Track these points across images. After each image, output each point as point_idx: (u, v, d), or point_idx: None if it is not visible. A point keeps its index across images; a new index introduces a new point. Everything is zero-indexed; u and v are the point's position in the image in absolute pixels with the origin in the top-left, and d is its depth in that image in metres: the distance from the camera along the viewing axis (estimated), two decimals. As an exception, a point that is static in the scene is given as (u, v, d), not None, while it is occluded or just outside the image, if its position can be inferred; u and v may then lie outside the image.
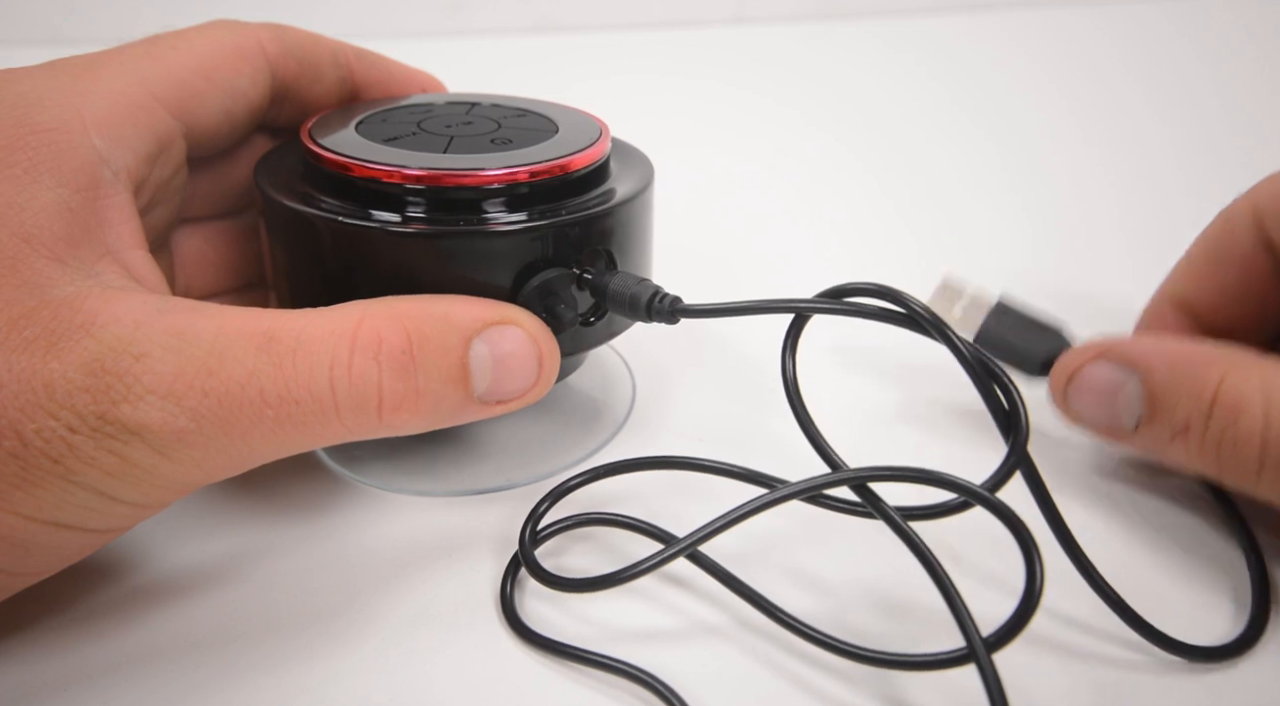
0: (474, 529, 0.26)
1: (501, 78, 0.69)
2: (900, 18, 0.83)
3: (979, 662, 0.19)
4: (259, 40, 0.27)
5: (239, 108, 0.27)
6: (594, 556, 0.25)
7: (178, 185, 0.26)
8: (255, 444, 0.20)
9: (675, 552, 0.22)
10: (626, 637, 0.23)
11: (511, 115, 0.28)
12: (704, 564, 0.23)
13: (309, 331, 0.21)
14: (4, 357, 0.19)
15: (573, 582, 0.23)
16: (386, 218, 0.24)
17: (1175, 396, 0.22)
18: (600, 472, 0.26)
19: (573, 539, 0.26)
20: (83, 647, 0.23)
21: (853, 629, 0.23)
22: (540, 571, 0.23)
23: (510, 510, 0.27)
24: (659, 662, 0.22)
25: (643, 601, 0.24)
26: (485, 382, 0.23)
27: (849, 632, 0.22)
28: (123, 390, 0.19)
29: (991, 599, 0.23)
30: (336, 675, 0.22)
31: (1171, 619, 0.22)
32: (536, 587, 0.24)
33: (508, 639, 0.23)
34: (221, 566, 0.25)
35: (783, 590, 0.24)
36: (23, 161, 0.21)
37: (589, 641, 0.23)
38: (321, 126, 0.26)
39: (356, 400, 0.21)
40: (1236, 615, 0.23)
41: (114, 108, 0.23)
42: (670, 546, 0.22)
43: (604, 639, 0.23)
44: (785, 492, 0.21)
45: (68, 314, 0.20)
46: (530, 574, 0.23)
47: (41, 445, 0.19)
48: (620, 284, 0.25)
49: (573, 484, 0.26)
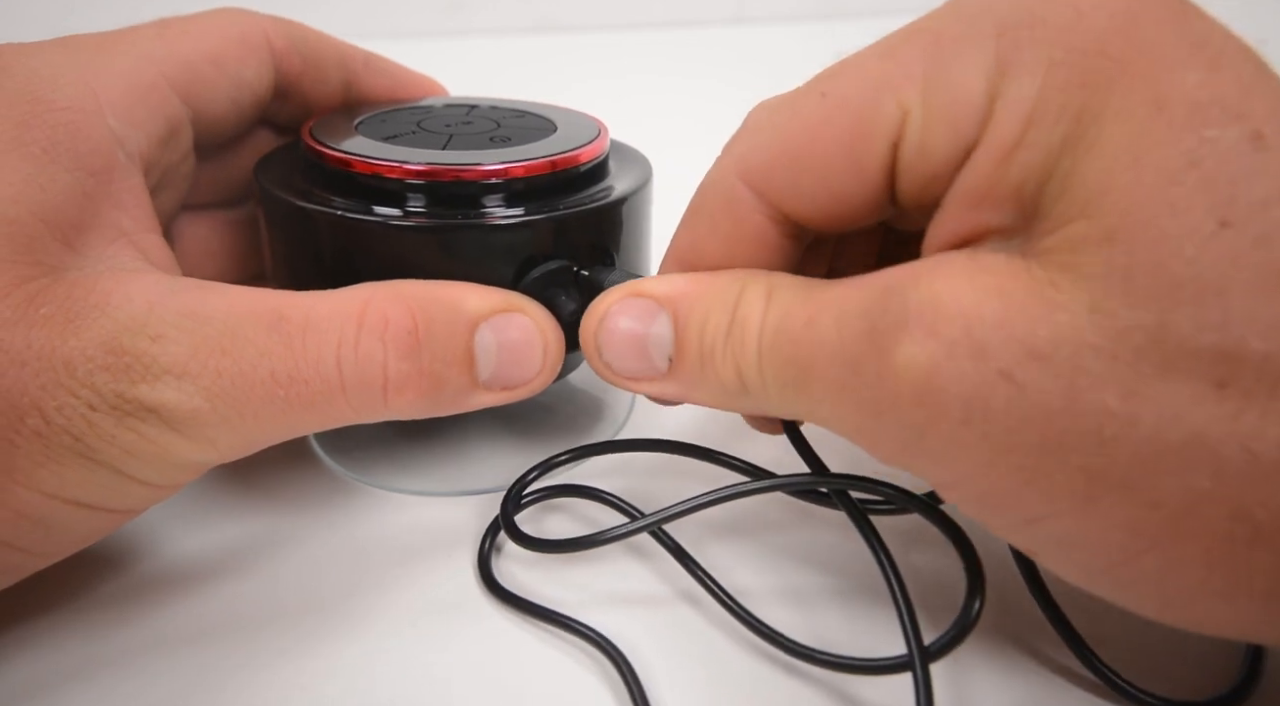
0: (473, 528, 0.26)
1: (501, 78, 0.69)
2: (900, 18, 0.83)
3: (915, 671, 0.19)
4: (265, 31, 0.27)
5: (245, 97, 0.27)
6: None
7: (185, 171, 0.26)
8: (266, 423, 0.21)
9: (639, 527, 0.23)
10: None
11: (510, 116, 0.29)
12: (665, 542, 0.24)
13: (317, 310, 0.21)
14: (23, 334, 0.19)
15: (543, 543, 0.24)
16: (388, 212, 0.24)
17: (704, 316, 0.21)
18: (591, 450, 0.27)
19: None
20: (88, 637, 0.23)
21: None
22: (516, 531, 0.24)
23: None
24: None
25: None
26: (490, 369, 0.23)
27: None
28: (140, 369, 0.19)
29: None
30: (336, 667, 0.22)
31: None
32: (514, 559, 0.25)
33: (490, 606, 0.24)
34: (224, 561, 0.25)
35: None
36: (41, 140, 0.21)
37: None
38: (322, 126, 0.27)
39: (362, 380, 0.21)
40: (1224, 666, 0.22)
41: (127, 88, 0.23)
42: (635, 521, 0.23)
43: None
44: (760, 485, 0.23)
45: (82, 293, 0.20)
46: (506, 533, 0.24)
47: (63, 422, 0.19)
48: (616, 280, 0.25)
49: (561, 458, 0.26)
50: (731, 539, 0.26)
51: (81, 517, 0.20)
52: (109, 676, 0.22)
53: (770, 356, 0.20)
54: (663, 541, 0.24)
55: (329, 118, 0.28)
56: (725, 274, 0.22)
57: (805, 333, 0.19)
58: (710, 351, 0.21)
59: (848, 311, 0.19)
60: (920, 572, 0.24)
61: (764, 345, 0.20)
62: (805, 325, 0.19)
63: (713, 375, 0.21)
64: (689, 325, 0.21)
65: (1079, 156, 0.17)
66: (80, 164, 0.21)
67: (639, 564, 0.25)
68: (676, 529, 0.25)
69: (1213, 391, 0.16)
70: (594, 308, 0.23)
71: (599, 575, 0.25)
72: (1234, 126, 0.16)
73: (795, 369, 0.20)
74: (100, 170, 0.22)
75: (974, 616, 0.20)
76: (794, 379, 0.20)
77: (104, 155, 0.22)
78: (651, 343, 0.22)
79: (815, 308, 0.19)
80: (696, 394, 0.22)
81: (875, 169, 0.20)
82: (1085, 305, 0.16)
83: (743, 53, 0.77)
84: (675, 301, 0.22)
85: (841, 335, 0.19)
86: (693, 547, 0.24)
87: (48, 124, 0.21)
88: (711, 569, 0.24)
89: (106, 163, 0.22)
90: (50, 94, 0.22)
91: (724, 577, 0.24)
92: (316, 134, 0.26)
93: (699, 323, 0.21)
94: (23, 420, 0.19)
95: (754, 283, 0.21)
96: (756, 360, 0.20)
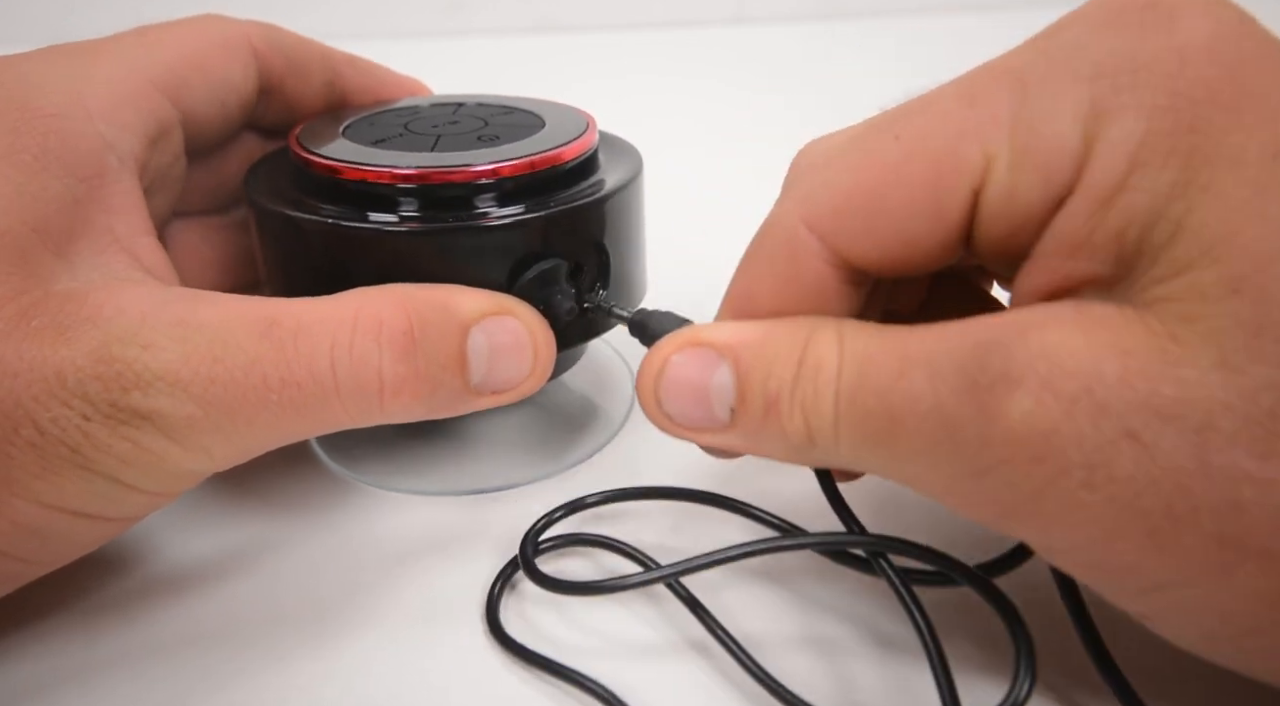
0: (472, 528, 0.26)
1: (501, 78, 0.69)
2: (900, 18, 0.83)
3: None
4: (246, 34, 0.27)
5: (231, 99, 0.27)
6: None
7: (176, 174, 0.26)
8: (260, 429, 0.21)
9: (655, 578, 0.22)
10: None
11: (498, 113, 0.28)
12: (679, 593, 0.23)
13: (310, 315, 0.21)
14: (14, 346, 0.19)
15: (558, 583, 0.23)
16: (379, 218, 0.24)
17: (767, 366, 0.20)
18: (617, 495, 0.26)
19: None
20: (88, 639, 0.23)
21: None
22: (534, 570, 0.23)
23: (508, 510, 0.27)
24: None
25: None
26: (482, 372, 0.23)
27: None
28: (132, 378, 0.19)
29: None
30: (335, 669, 0.22)
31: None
32: (523, 595, 0.24)
33: (487, 643, 0.23)
34: (224, 562, 0.25)
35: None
36: (31, 147, 0.21)
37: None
38: (309, 133, 0.26)
39: (357, 381, 0.21)
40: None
41: (114, 93, 0.23)
42: (651, 571, 0.22)
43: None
44: (789, 543, 0.22)
45: (73, 307, 0.20)
46: (524, 571, 0.23)
47: (58, 433, 0.19)
48: (660, 324, 0.24)
49: (591, 500, 0.25)
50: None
51: (79, 527, 0.20)
52: (109, 678, 0.22)
53: (849, 411, 0.19)
54: (677, 593, 0.23)
55: (315, 123, 0.28)
56: (789, 320, 0.21)
57: (893, 386, 0.18)
58: (774, 402, 0.20)
59: (943, 365, 0.18)
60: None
61: (841, 398, 0.19)
62: (894, 378, 0.18)
63: (777, 427, 0.20)
64: (752, 375, 0.20)
65: (1193, 200, 0.16)
66: (71, 171, 0.21)
67: (650, 610, 0.24)
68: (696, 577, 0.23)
69: None
70: (652, 357, 0.22)
71: (609, 620, 0.24)
72: None
73: (879, 423, 0.19)
74: (91, 176, 0.22)
75: (1023, 699, 0.18)
76: (877, 435, 0.19)
77: (94, 161, 0.22)
78: (713, 393, 0.21)
79: (901, 357, 0.18)
80: (759, 446, 0.21)
81: (955, 217, 0.19)
82: (1212, 361, 0.15)
83: (743, 53, 0.77)
84: (736, 350, 0.21)
85: (937, 390, 0.18)
86: (709, 594, 0.23)
87: (37, 132, 0.21)
88: (728, 617, 0.23)
89: (97, 168, 0.22)
90: (38, 101, 0.22)
91: (740, 628, 0.22)
92: (304, 141, 0.26)
93: (763, 372, 0.20)
94: (17, 431, 0.19)
95: (822, 329, 0.20)
96: (832, 414, 0.19)
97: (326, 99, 0.29)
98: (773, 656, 0.22)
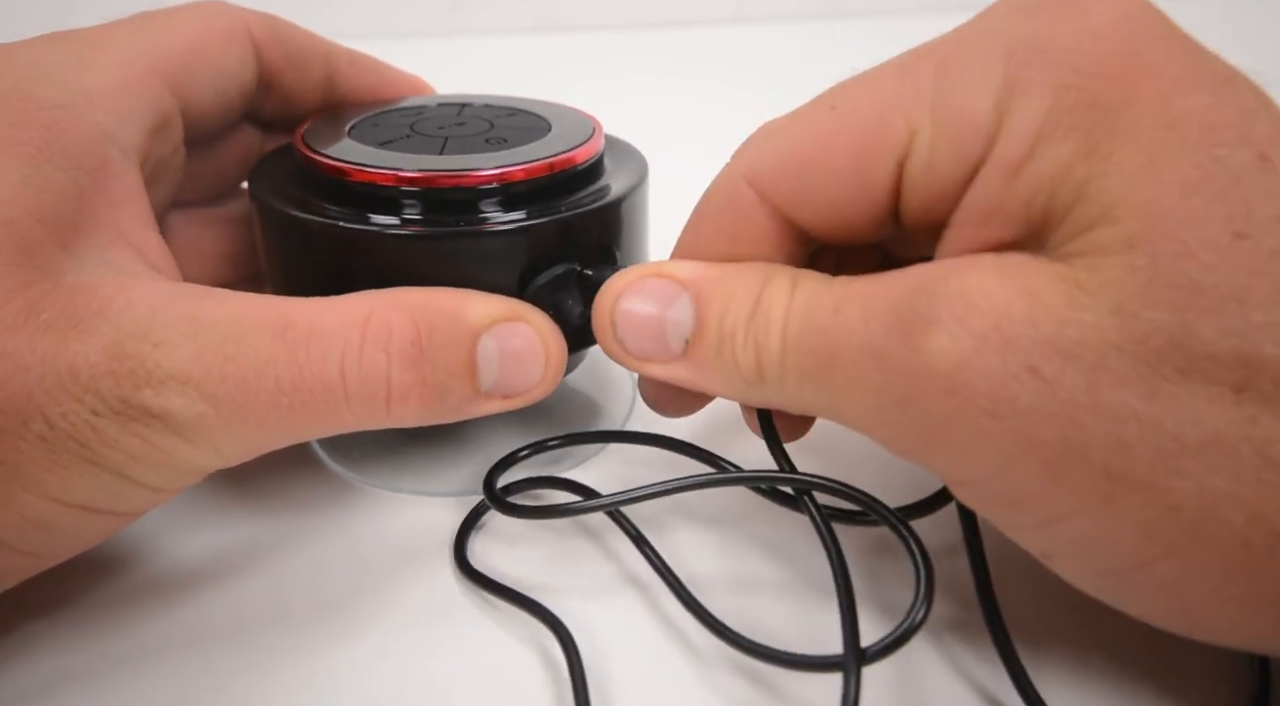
0: (474, 529, 0.26)
1: (501, 78, 0.69)
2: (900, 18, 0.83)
3: (846, 670, 0.19)
4: (246, 23, 0.27)
5: (230, 87, 0.27)
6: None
7: (176, 165, 0.26)
8: (270, 429, 0.21)
9: (598, 505, 0.24)
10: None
11: (503, 115, 0.28)
12: (624, 526, 0.25)
13: (323, 319, 0.21)
14: (26, 339, 0.19)
15: (514, 508, 0.24)
16: (385, 221, 0.24)
17: (726, 301, 0.21)
18: (578, 439, 0.28)
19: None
20: (89, 639, 0.23)
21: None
22: (494, 494, 0.25)
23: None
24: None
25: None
26: (492, 378, 0.23)
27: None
28: (144, 375, 0.19)
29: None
30: (338, 668, 0.22)
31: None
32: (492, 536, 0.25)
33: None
34: (226, 562, 0.25)
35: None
36: (35, 139, 0.21)
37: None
38: (314, 132, 0.26)
39: (365, 390, 0.21)
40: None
41: (116, 82, 0.23)
42: (593, 499, 0.24)
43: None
44: (724, 477, 0.24)
45: (84, 300, 0.20)
46: (488, 499, 0.25)
47: (67, 428, 0.19)
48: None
49: (552, 444, 0.27)
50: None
51: (85, 521, 0.20)
52: (111, 678, 0.22)
53: (794, 345, 0.20)
54: (622, 525, 0.25)
55: (321, 122, 0.27)
56: (749, 264, 0.22)
57: (831, 322, 0.20)
58: (730, 336, 0.21)
59: (876, 303, 0.19)
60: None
61: (789, 334, 0.20)
62: (831, 314, 0.20)
63: (730, 361, 0.21)
64: (710, 308, 0.22)
65: (1094, 168, 0.17)
66: (74, 162, 0.21)
67: (599, 548, 0.26)
68: (646, 518, 0.25)
69: (1230, 395, 0.16)
70: (610, 285, 0.23)
71: (565, 557, 0.25)
72: (1242, 148, 0.17)
73: (819, 358, 0.20)
74: (95, 167, 0.22)
75: (918, 622, 0.19)
76: (816, 368, 0.20)
77: (97, 152, 0.22)
78: (669, 324, 0.22)
79: (841, 298, 0.20)
80: (708, 379, 0.22)
81: (880, 184, 0.20)
82: (1109, 306, 0.17)
83: (743, 53, 0.77)
84: (699, 284, 0.22)
85: (869, 326, 0.19)
86: (658, 534, 0.25)
87: (40, 123, 0.21)
88: (671, 555, 0.24)
89: (100, 159, 0.22)
90: (40, 91, 0.21)
91: (681, 565, 0.24)
92: (309, 140, 0.26)
93: (721, 306, 0.21)
94: (27, 426, 0.19)
95: (779, 273, 0.21)
96: (780, 348, 0.20)
97: (325, 93, 0.29)
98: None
